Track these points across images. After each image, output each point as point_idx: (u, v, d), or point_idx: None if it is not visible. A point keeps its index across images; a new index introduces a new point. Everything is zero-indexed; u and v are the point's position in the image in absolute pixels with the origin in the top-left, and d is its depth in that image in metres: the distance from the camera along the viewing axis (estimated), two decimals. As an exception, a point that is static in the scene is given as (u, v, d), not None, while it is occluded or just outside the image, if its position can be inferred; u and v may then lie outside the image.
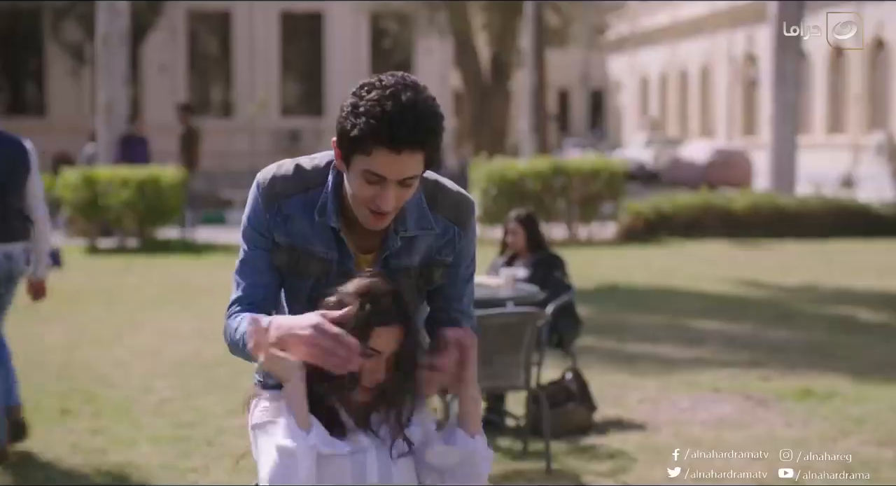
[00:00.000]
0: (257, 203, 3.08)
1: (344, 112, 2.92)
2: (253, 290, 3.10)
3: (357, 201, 2.95)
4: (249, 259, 3.12)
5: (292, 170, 3.08)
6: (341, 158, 2.96)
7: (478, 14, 32.43)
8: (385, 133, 2.82)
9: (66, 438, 7.19)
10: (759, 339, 10.69)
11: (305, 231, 3.05)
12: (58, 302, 13.19)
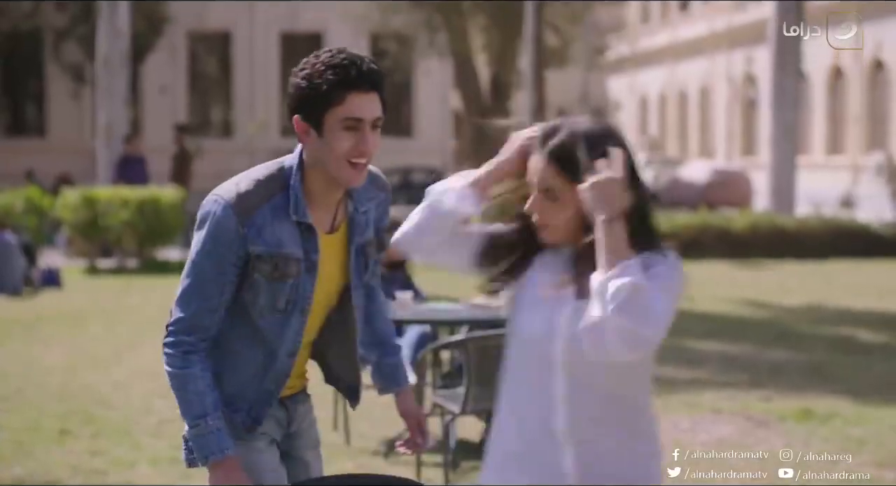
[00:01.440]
0: (226, 222, 3.15)
1: (302, 83, 3.10)
2: (209, 314, 3.20)
3: (337, 158, 3.12)
4: (212, 279, 3.18)
5: (252, 184, 3.19)
6: (311, 125, 3.12)
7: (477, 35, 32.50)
8: (354, 76, 3.09)
9: (65, 459, 7.18)
10: (759, 359, 10.68)
11: (277, 236, 3.17)
12: (57, 323, 13.19)
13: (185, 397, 3.21)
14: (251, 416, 3.34)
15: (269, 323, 3.25)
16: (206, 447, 3.20)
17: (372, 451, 7.44)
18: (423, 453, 6.89)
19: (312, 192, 3.22)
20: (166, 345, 3.23)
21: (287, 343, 3.29)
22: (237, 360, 3.29)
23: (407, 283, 7.96)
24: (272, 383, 3.33)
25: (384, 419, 8.22)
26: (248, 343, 3.28)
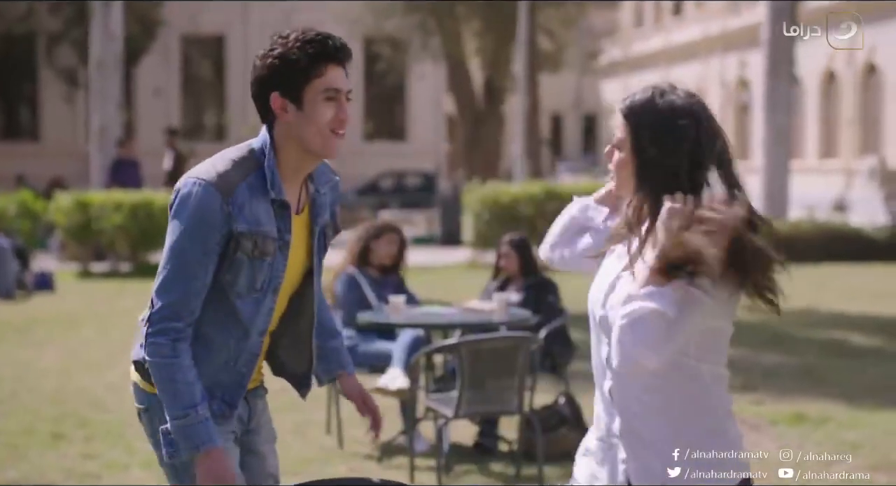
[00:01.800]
0: (210, 202, 3.18)
1: (276, 61, 3.21)
2: (195, 296, 3.22)
3: (320, 129, 3.24)
4: (197, 261, 3.20)
5: (228, 164, 3.26)
6: (290, 100, 3.22)
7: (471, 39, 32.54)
8: (332, 48, 3.23)
9: (59, 463, 7.17)
10: (752, 363, 10.69)
11: (255, 214, 3.23)
12: (51, 326, 13.19)
13: (174, 387, 3.20)
14: (226, 402, 3.35)
15: (245, 303, 3.28)
16: (196, 437, 3.19)
17: (365, 455, 7.44)
18: (417, 456, 6.91)
19: (284, 171, 3.30)
20: (153, 334, 3.21)
21: (259, 323, 3.34)
22: (210, 346, 3.30)
23: (400, 287, 7.97)
24: (244, 367, 3.36)
25: (378, 422, 8.23)
26: (221, 327, 3.29)
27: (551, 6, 30.95)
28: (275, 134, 3.29)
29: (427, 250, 22.59)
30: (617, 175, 3.03)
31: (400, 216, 29.71)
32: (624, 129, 2.99)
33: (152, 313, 3.23)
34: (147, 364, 3.25)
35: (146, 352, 3.23)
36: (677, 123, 2.93)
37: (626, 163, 2.99)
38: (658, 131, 2.93)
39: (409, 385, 6.98)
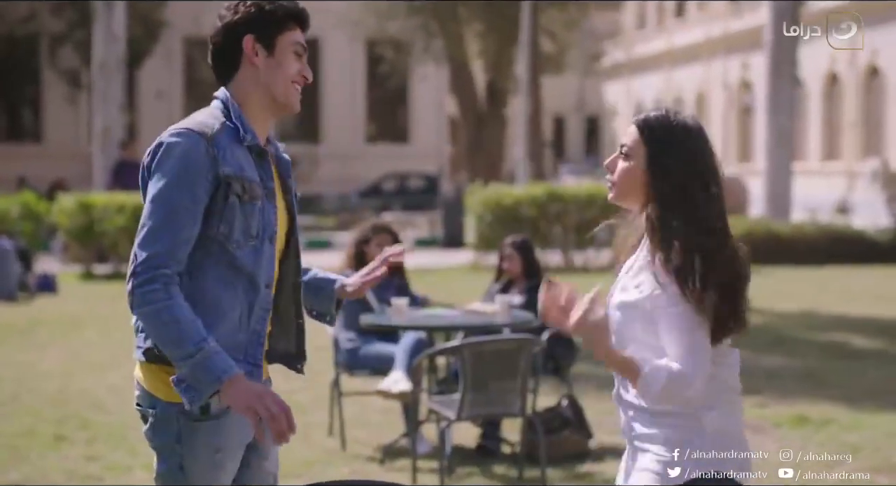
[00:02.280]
0: (197, 147, 3.20)
1: (252, 9, 3.32)
2: (183, 246, 3.17)
3: (286, 78, 3.35)
4: (185, 208, 3.16)
5: (202, 116, 3.30)
6: (262, 45, 3.32)
7: (473, 41, 32.54)
8: (301, 13, 3.39)
9: (61, 464, 7.17)
10: (754, 366, 10.68)
11: (238, 159, 3.26)
12: (53, 328, 13.19)
13: (179, 327, 3.11)
14: (249, 361, 3.31)
15: (245, 253, 3.25)
16: (217, 368, 3.10)
17: (367, 457, 7.44)
18: (419, 458, 6.91)
19: (250, 122, 3.36)
20: (141, 284, 3.12)
21: (264, 273, 3.31)
22: (221, 307, 3.24)
23: (402, 289, 7.96)
24: (258, 323, 3.32)
25: (381, 425, 8.23)
26: (226, 284, 3.24)
27: (554, 8, 30.95)
28: (239, 85, 3.35)
29: (429, 252, 22.60)
30: (620, 183, 3.20)
31: (402, 218, 29.75)
32: (636, 140, 3.15)
33: (136, 264, 3.14)
34: (140, 315, 3.15)
35: (136, 304, 3.13)
36: (691, 140, 3.13)
37: (634, 173, 3.16)
38: (672, 146, 3.12)
39: (411, 388, 6.99)
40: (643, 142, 3.15)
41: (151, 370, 3.29)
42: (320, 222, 31.35)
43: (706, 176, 3.14)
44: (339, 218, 32.26)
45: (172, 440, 3.27)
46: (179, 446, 3.27)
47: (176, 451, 3.28)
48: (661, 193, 3.12)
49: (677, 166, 3.12)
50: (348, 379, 7.98)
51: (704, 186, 3.14)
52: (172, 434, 3.26)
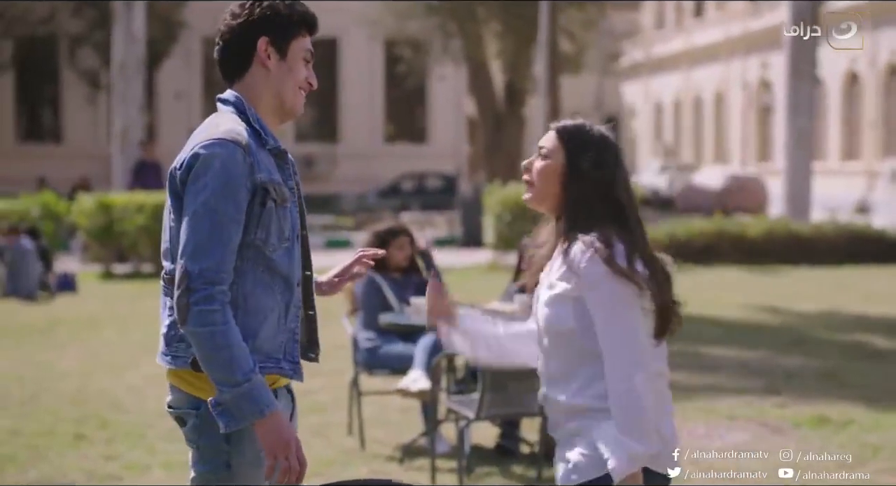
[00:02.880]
0: (234, 156, 3.20)
1: (267, 11, 3.33)
2: (231, 257, 3.20)
3: (294, 87, 3.38)
4: (231, 219, 3.18)
5: (226, 122, 3.30)
6: (276, 48, 3.34)
7: (492, 41, 32.51)
8: (312, 19, 3.41)
9: (80, 464, 7.19)
10: (775, 366, 10.66)
11: (266, 164, 3.29)
12: (73, 328, 13.24)
13: (231, 353, 3.13)
14: (289, 359, 3.35)
15: (280, 255, 3.29)
16: (261, 401, 3.14)
17: (386, 456, 7.44)
18: (438, 457, 6.90)
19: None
20: (198, 301, 3.13)
21: (296, 272, 3.36)
22: (262, 312, 3.27)
23: (421, 287, 7.93)
24: (293, 322, 3.37)
25: (399, 424, 8.23)
26: (266, 288, 3.27)
27: (572, 8, 30.91)
28: (248, 86, 3.38)
29: (448, 251, 22.59)
30: (539, 181, 3.41)
31: (421, 218, 29.75)
32: (555, 143, 3.42)
33: (190, 280, 3.14)
34: (193, 334, 3.15)
35: (191, 322, 3.13)
36: (603, 143, 3.40)
37: (553, 170, 3.39)
38: (588, 148, 3.39)
39: (430, 387, 6.98)
40: (561, 144, 3.40)
41: (194, 374, 3.30)
42: (339, 222, 31.37)
43: (618, 175, 3.38)
44: (357, 218, 32.30)
45: (220, 440, 3.27)
46: (227, 445, 3.28)
47: (223, 450, 3.29)
48: (578, 188, 3.36)
49: (591, 165, 3.36)
50: (367, 379, 7.98)
51: (619, 185, 3.37)
52: (220, 434, 3.25)
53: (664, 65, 55.67)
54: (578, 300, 3.28)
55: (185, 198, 3.22)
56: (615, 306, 3.26)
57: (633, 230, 3.34)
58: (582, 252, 3.27)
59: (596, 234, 3.28)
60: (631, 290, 3.27)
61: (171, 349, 3.32)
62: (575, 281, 3.28)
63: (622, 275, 3.25)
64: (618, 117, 63.13)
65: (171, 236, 3.30)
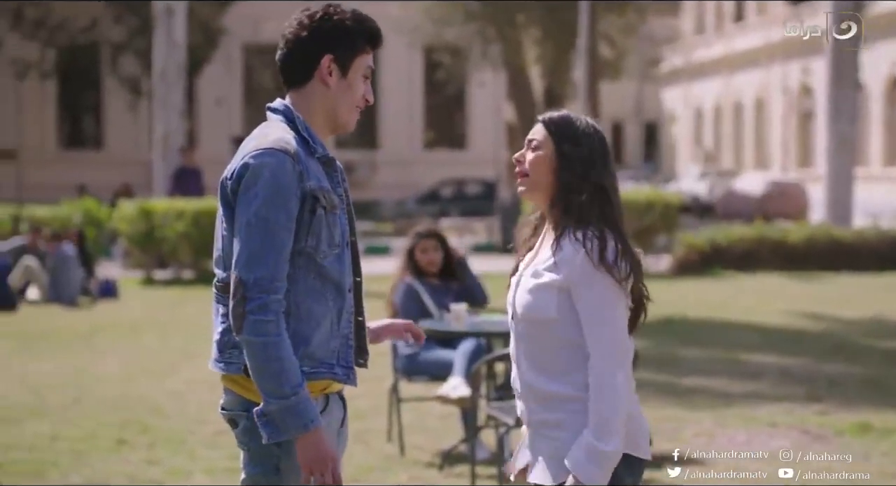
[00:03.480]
0: (284, 165, 3.24)
1: (335, 26, 3.34)
2: (284, 266, 3.24)
3: (352, 104, 3.41)
4: (283, 227, 3.23)
5: (275, 130, 3.33)
6: (338, 66, 3.36)
7: (531, 47, 32.49)
8: (378, 34, 3.42)
9: (122, 468, 7.23)
10: (816, 373, 10.58)
11: (315, 171, 3.33)
12: (114, 333, 13.32)
13: (282, 365, 3.19)
14: (342, 365, 3.39)
15: (331, 262, 3.33)
16: (306, 415, 3.20)
17: (426, 463, 7.44)
18: (478, 464, 6.90)
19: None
20: (254, 310, 3.18)
21: (347, 278, 3.39)
22: (315, 320, 3.31)
23: (461, 294, 7.91)
24: (346, 327, 3.40)
25: (439, 430, 8.23)
26: (318, 296, 3.31)
27: (612, 13, 30.84)
28: (305, 97, 3.39)
29: (487, 257, 22.57)
30: (531, 172, 3.49)
31: (460, 224, 29.75)
32: (544, 134, 3.51)
33: (246, 289, 3.19)
34: (246, 343, 3.20)
35: (245, 330, 3.19)
36: (594, 134, 3.50)
37: (544, 160, 3.47)
38: (578, 138, 3.47)
39: (470, 393, 6.97)
40: (549, 135, 3.49)
41: (247, 378, 3.33)
42: (378, 228, 31.42)
43: (605, 163, 3.48)
44: (396, 224, 32.32)
45: (271, 443, 3.31)
46: (278, 448, 3.31)
47: (273, 453, 3.33)
48: (569, 176, 3.44)
49: (580, 153, 3.45)
50: (407, 385, 7.98)
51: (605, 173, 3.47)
52: None
53: (704, 70, 55.43)
54: (563, 291, 3.37)
55: (237, 208, 3.26)
56: (605, 304, 3.35)
57: (618, 222, 3.43)
58: (575, 247, 3.36)
59: (591, 229, 3.37)
60: (619, 288, 3.36)
61: (225, 356, 3.37)
62: (565, 273, 3.36)
63: (613, 274, 3.34)
64: (657, 123, 62.98)
65: (223, 245, 3.37)
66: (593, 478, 3.30)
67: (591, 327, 3.36)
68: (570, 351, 3.40)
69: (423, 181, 40.88)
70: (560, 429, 3.40)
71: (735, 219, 30.77)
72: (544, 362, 3.44)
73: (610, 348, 3.36)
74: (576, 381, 3.39)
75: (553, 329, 3.40)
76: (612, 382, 3.34)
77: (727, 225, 23.89)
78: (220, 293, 3.37)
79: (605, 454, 3.30)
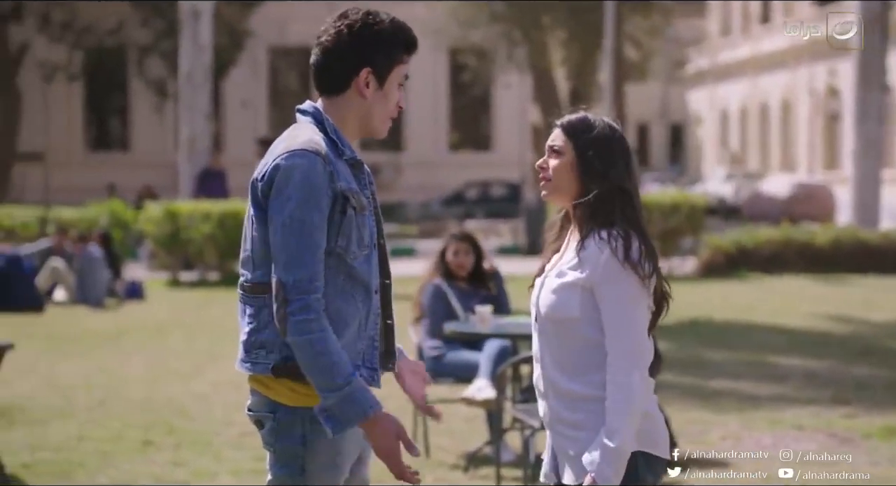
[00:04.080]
0: (315, 165, 3.27)
1: (374, 38, 3.35)
2: (321, 263, 3.27)
3: (386, 113, 3.43)
4: (318, 227, 3.26)
5: (305, 132, 3.35)
6: (376, 77, 3.37)
7: (557, 49, 32.47)
8: (415, 42, 3.43)
9: (148, 469, 7.26)
10: (843, 375, 10.53)
11: (344, 173, 3.35)
12: (140, 335, 13.36)
13: (331, 359, 3.23)
14: (367, 366, 3.42)
15: (360, 263, 3.35)
16: (365, 402, 3.26)
17: (451, 465, 7.44)
18: (503, 466, 6.89)
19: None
20: (295, 312, 3.23)
21: (374, 279, 3.41)
22: (344, 320, 3.33)
23: (486, 301, 7.86)
24: (372, 329, 3.43)
25: (464, 432, 8.23)
26: (347, 296, 3.34)
27: (638, 15, 30.81)
28: (339, 105, 3.41)
29: (512, 259, 22.56)
30: (555, 178, 3.52)
31: (485, 226, 29.74)
32: (564, 139, 3.53)
33: (287, 290, 3.23)
34: (295, 344, 3.24)
35: (290, 332, 3.23)
36: (612, 134, 3.52)
37: (566, 166, 3.51)
38: (596, 140, 3.49)
39: (495, 396, 6.97)
40: (569, 139, 3.52)
41: (274, 379, 3.36)
42: (403, 230, 31.42)
43: (626, 164, 3.51)
44: (421, 226, 32.33)
45: (296, 443, 3.35)
46: (303, 449, 3.35)
47: (298, 454, 3.36)
48: (591, 179, 3.47)
49: (600, 155, 3.48)
50: (432, 387, 7.97)
51: (627, 174, 3.49)
52: (297, 438, 3.35)
53: (730, 72, 55.25)
54: (587, 290, 3.41)
55: (270, 211, 3.28)
56: (627, 303, 3.40)
57: (641, 223, 3.46)
58: (600, 246, 3.39)
59: (615, 229, 3.40)
60: (642, 287, 3.40)
61: (251, 356, 3.39)
62: (589, 272, 3.40)
63: (638, 273, 3.38)
64: (683, 125, 62.82)
65: (252, 246, 3.38)
66: (606, 476, 3.34)
67: (612, 325, 3.40)
68: (592, 351, 3.44)
69: (448, 183, 40.88)
70: (580, 429, 3.44)
71: (761, 221, 30.66)
72: (567, 362, 3.48)
73: (628, 347, 3.40)
74: (597, 381, 3.43)
75: (575, 329, 3.44)
76: (627, 381, 3.38)
77: (753, 227, 23.79)
78: (247, 294, 3.40)
79: (613, 450, 3.34)
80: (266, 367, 3.35)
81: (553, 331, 3.49)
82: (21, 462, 7.33)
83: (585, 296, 3.42)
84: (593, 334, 3.42)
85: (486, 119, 45.59)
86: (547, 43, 31.74)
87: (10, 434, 8.10)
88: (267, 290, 3.31)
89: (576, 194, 3.50)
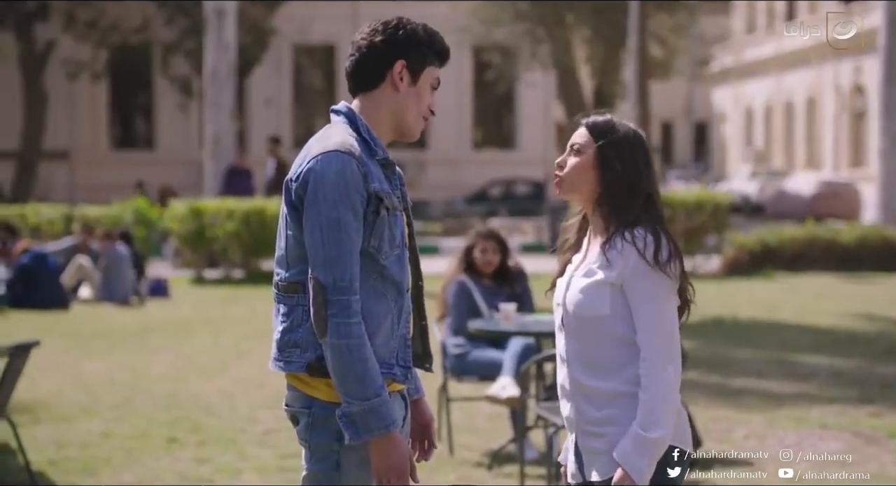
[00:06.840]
0: (349, 166, 3.29)
1: (410, 35, 3.42)
2: (357, 265, 3.29)
3: (419, 112, 3.48)
4: (355, 229, 3.28)
5: (338, 133, 3.37)
6: (410, 72, 3.43)
7: (581, 46, 32.43)
8: (447, 51, 3.51)
9: (173, 466, 7.28)
10: (869, 374, 10.49)
11: (376, 173, 3.37)
12: (165, 332, 13.41)
13: (366, 367, 3.25)
14: (401, 364, 3.42)
15: (392, 262, 3.37)
16: (388, 416, 3.27)
17: (475, 462, 7.44)
18: (527, 464, 6.89)
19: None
20: (337, 313, 3.24)
21: (406, 279, 3.43)
22: (376, 320, 3.34)
23: (510, 299, 7.86)
24: (404, 328, 3.44)
25: (488, 430, 8.23)
26: (379, 296, 3.35)
27: (662, 13, 30.74)
28: (373, 102, 3.45)
29: (536, 257, 22.55)
30: (572, 176, 3.55)
31: (509, 224, 29.72)
32: (587, 138, 3.55)
33: (327, 291, 3.25)
34: (332, 346, 3.25)
35: (330, 333, 3.25)
36: (635, 137, 3.55)
37: (585, 165, 3.54)
38: (619, 142, 3.53)
39: (519, 394, 6.97)
40: (593, 139, 3.54)
41: (310, 375, 3.38)
42: (427, 228, 31.43)
43: (647, 166, 3.53)
44: (445, 224, 32.33)
45: (331, 439, 3.36)
46: (338, 444, 3.36)
47: (333, 449, 3.37)
48: (613, 180, 3.49)
49: (622, 157, 3.50)
50: (456, 385, 7.99)
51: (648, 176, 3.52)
52: (332, 433, 3.36)
53: (755, 69, 55.07)
54: (616, 288, 3.44)
55: (306, 211, 3.30)
56: (658, 299, 3.43)
57: (664, 223, 3.50)
58: (630, 244, 3.42)
59: (644, 228, 3.43)
60: (672, 284, 3.45)
61: (284, 355, 3.40)
62: (619, 270, 3.42)
63: (667, 271, 3.41)
64: (708, 123, 62.65)
65: (286, 244, 3.39)
66: (639, 468, 3.36)
67: (645, 320, 3.43)
68: (621, 347, 3.46)
69: (471, 181, 40.87)
70: (610, 425, 3.45)
71: (786, 219, 30.57)
72: (595, 360, 3.49)
73: (662, 342, 3.43)
74: (626, 376, 3.46)
75: (605, 326, 3.46)
76: (663, 374, 3.42)
77: (778, 225, 23.73)
78: (281, 293, 3.41)
79: (652, 441, 3.37)
80: (300, 365, 3.36)
81: (581, 330, 3.50)
82: (47, 459, 7.37)
83: (615, 293, 3.45)
84: (624, 330, 3.45)
85: (510, 117, 45.56)
86: (571, 41, 31.71)
87: (35, 431, 8.13)
88: (300, 289, 3.33)
89: (593, 194, 3.53)
